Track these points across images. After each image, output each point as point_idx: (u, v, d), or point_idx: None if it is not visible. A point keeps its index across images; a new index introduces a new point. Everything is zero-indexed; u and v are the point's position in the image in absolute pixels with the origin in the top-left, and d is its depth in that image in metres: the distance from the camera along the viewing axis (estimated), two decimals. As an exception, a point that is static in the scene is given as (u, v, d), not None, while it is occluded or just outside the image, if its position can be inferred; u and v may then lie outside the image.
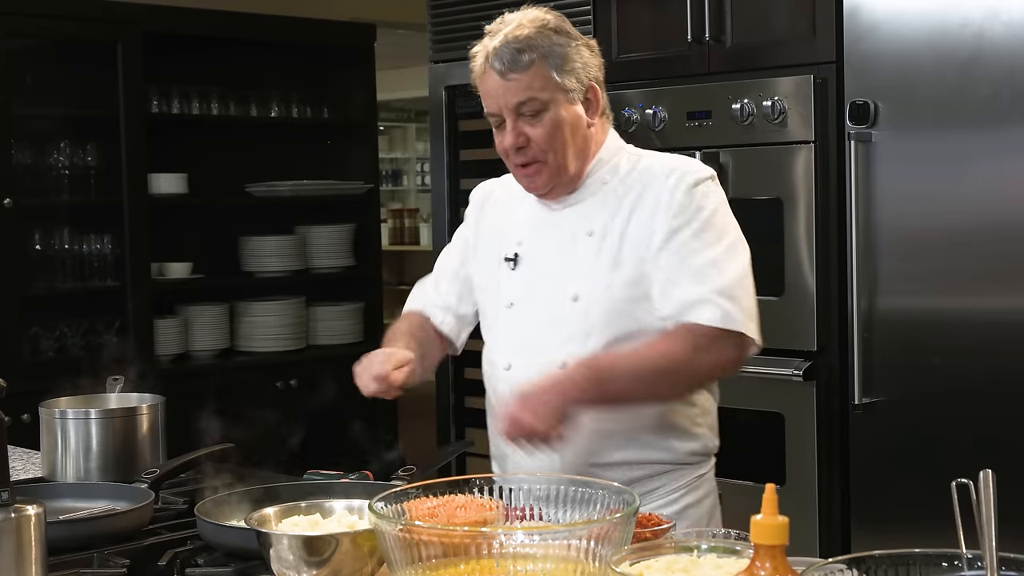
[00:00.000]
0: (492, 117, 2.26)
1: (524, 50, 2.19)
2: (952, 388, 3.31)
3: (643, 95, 3.97)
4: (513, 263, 2.34)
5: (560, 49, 2.22)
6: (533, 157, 2.24)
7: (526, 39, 2.20)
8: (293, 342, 5.54)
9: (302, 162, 5.79)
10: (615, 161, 2.32)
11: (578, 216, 2.29)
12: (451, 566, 1.46)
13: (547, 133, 2.21)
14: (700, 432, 2.33)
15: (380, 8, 6.49)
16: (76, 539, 1.97)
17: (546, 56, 2.20)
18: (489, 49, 2.22)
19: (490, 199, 2.48)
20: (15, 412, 3.33)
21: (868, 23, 3.42)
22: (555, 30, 2.24)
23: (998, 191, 3.22)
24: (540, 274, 2.30)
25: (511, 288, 2.34)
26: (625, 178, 2.29)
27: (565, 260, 2.28)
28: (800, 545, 1.46)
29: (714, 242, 2.21)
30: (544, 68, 2.20)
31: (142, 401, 2.57)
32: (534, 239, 2.33)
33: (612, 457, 2.25)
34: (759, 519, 1.25)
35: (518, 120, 2.22)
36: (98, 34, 4.89)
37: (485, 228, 2.45)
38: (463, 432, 4.44)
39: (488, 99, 2.25)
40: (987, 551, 1.28)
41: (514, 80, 2.19)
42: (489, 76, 2.22)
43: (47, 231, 4.85)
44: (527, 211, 2.36)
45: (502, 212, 2.42)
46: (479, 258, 2.44)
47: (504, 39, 2.21)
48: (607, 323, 2.23)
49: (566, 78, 2.22)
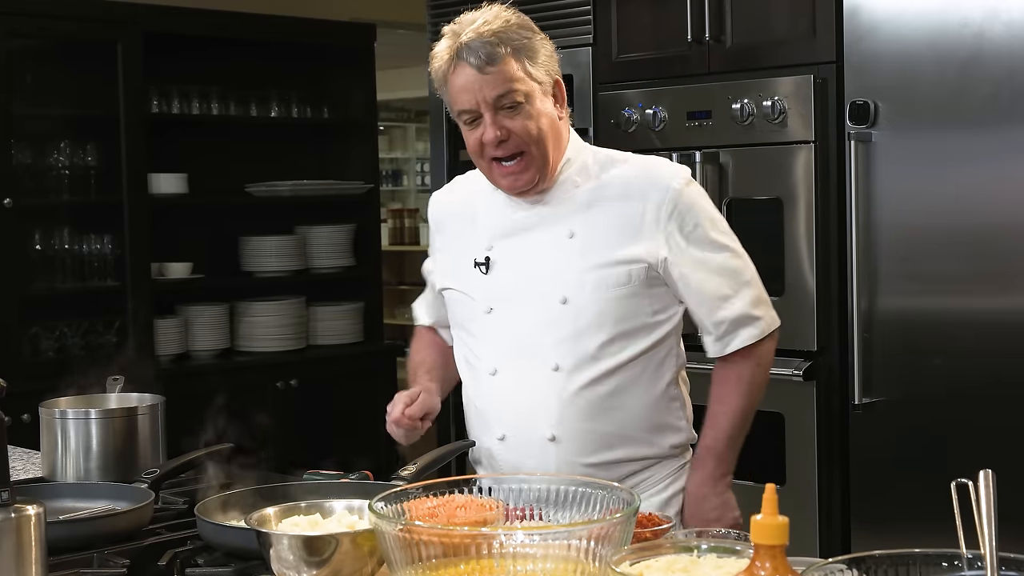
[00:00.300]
0: (465, 114, 2.24)
1: (497, 44, 2.19)
2: (952, 388, 3.31)
3: (643, 95, 3.98)
4: (485, 267, 2.32)
5: (528, 43, 2.23)
6: (516, 148, 2.23)
7: (498, 32, 2.20)
8: (293, 342, 5.54)
9: (302, 162, 5.79)
10: (582, 160, 2.32)
11: (553, 218, 2.29)
12: (451, 566, 1.46)
13: (528, 124, 2.21)
14: (683, 425, 2.39)
15: (380, 8, 6.49)
16: (76, 539, 1.96)
17: (518, 50, 2.21)
18: (459, 44, 2.20)
19: (444, 208, 2.48)
20: (15, 412, 3.33)
21: (868, 23, 3.42)
22: (520, 25, 2.25)
23: (998, 191, 3.22)
24: (521, 278, 2.29)
25: (487, 293, 2.32)
26: (600, 178, 2.30)
27: (548, 263, 2.28)
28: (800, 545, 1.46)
29: (723, 243, 2.30)
30: (518, 60, 2.21)
31: (142, 401, 2.57)
32: (508, 243, 2.32)
33: (604, 456, 2.27)
34: (759, 519, 1.25)
35: (497, 114, 2.21)
36: (98, 34, 4.88)
37: (449, 236, 2.45)
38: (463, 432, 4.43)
39: (462, 95, 2.22)
40: (987, 551, 1.28)
41: (491, 73, 2.19)
42: (462, 72, 2.21)
43: (47, 231, 4.85)
44: (492, 215, 2.35)
45: (464, 217, 2.41)
46: (447, 266, 2.43)
47: (475, 34, 2.20)
48: (599, 324, 2.24)
49: (537, 70, 2.23)
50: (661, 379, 2.31)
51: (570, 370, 2.25)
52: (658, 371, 2.31)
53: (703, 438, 2.35)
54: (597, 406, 2.25)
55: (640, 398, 2.29)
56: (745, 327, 2.31)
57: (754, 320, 2.31)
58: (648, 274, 2.25)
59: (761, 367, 2.36)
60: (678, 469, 2.37)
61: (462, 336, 2.40)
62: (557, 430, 2.26)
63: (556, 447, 2.26)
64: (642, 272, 2.24)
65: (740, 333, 2.31)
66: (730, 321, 2.30)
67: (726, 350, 2.33)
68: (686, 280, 2.27)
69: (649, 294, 2.27)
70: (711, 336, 2.33)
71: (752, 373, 2.34)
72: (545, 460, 2.25)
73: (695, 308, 2.31)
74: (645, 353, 2.28)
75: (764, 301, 2.35)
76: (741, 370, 2.34)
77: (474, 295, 2.34)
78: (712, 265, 2.28)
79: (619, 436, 2.28)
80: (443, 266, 2.44)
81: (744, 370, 2.34)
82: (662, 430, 2.33)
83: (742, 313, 2.30)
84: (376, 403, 5.87)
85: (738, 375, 2.34)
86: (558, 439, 2.26)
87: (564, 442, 2.26)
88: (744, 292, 2.31)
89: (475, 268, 2.34)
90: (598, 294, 2.24)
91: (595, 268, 2.24)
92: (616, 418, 2.27)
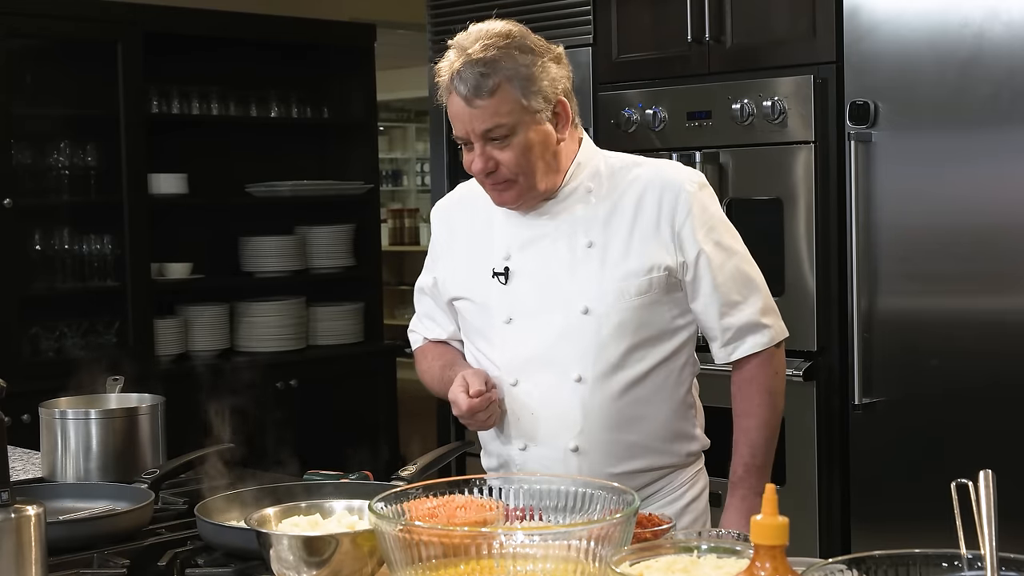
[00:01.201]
0: (458, 139, 2.22)
1: (488, 74, 2.14)
2: (952, 388, 3.31)
3: (643, 95, 3.98)
4: (504, 277, 2.30)
5: (525, 70, 2.16)
6: (503, 178, 2.21)
7: (491, 62, 2.14)
8: (293, 342, 5.54)
9: (302, 162, 5.79)
10: (594, 165, 2.30)
11: (570, 227, 2.27)
12: (451, 566, 1.46)
13: (516, 156, 2.18)
14: (697, 433, 2.38)
15: (380, 8, 6.49)
16: (76, 539, 1.96)
17: (511, 79, 2.15)
18: (453, 70, 2.17)
19: (453, 215, 2.45)
20: (15, 412, 3.33)
21: (868, 23, 3.42)
22: (519, 48, 2.18)
23: (998, 191, 3.22)
24: (541, 288, 2.27)
25: (507, 303, 2.29)
26: (616, 185, 2.28)
27: (567, 273, 2.26)
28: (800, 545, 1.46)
29: (733, 248, 2.30)
30: (510, 91, 2.15)
31: (142, 401, 2.57)
32: (526, 253, 2.29)
33: (627, 466, 2.27)
34: (759, 519, 1.25)
35: (486, 145, 2.18)
36: (98, 34, 4.89)
37: (460, 244, 2.40)
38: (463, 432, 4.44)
39: (455, 122, 2.20)
40: (987, 551, 1.28)
41: (480, 107, 2.15)
42: (454, 100, 2.18)
43: (47, 231, 4.85)
44: (510, 223, 2.31)
45: (473, 226, 2.38)
46: (459, 275, 2.38)
47: (467, 60, 2.15)
48: (621, 334, 2.23)
49: (532, 99, 2.17)
50: (681, 386, 2.32)
51: (594, 380, 2.23)
52: (679, 379, 2.31)
53: (738, 455, 2.32)
54: (621, 416, 2.24)
55: (662, 407, 2.28)
56: (753, 334, 2.29)
57: (762, 328, 2.30)
58: (668, 280, 2.24)
59: (779, 377, 2.34)
60: (693, 476, 2.37)
61: (478, 346, 2.36)
62: (580, 440, 2.24)
63: (579, 458, 2.25)
64: (663, 279, 2.23)
65: (747, 340, 2.29)
66: (737, 328, 2.29)
67: (732, 356, 2.31)
68: (697, 283, 2.26)
69: (669, 299, 2.26)
70: (717, 342, 2.31)
71: (772, 382, 2.33)
72: (568, 470, 2.24)
73: (702, 311, 2.28)
74: (666, 360, 2.27)
75: (773, 310, 2.33)
76: (762, 380, 2.32)
77: (492, 305, 2.31)
78: (724, 270, 2.27)
79: (641, 446, 2.27)
80: (454, 275, 2.39)
81: (765, 379, 2.32)
82: (680, 439, 2.33)
83: (750, 320, 2.29)
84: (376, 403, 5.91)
85: (760, 386, 2.32)
86: (581, 450, 2.25)
87: (587, 453, 2.24)
88: (754, 299, 2.30)
89: (493, 278, 2.30)
90: (620, 303, 2.22)
91: (616, 279, 2.23)
92: (639, 428, 2.26)
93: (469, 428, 2.34)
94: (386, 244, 8.20)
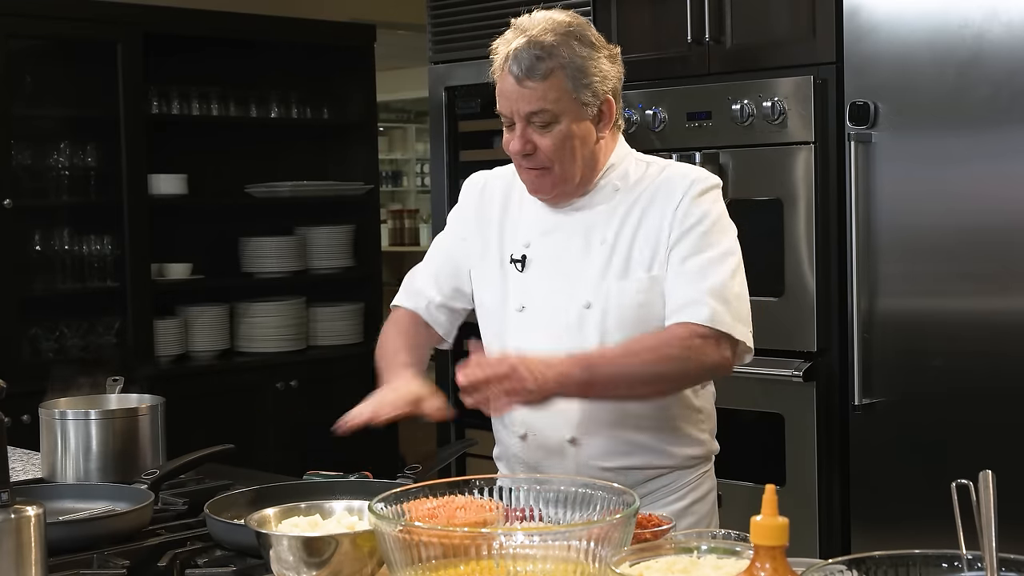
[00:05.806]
0: (502, 117, 2.24)
1: (544, 58, 2.15)
2: (952, 389, 3.31)
3: (643, 96, 3.97)
4: (521, 264, 2.32)
5: (581, 61, 2.18)
6: (539, 163, 2.22)
7: (549, 46, 2.16)
8: (293, 343, 5.54)
9: (302, 163, 5.79)
10: (624, 166, 2.31)
11: (591, 222, 2.28)
12: (451, 567, 1.46)
13: (555, 145, 2.20)
14: (703, 438, 2.36)
15: (380, 8, 6.49)
16: (76, 540, 1.96)
17: (565, 67, 2.16)
18: (511, 49, 2.18)
19: (487, 191, 2.43)
20: (15, 412, 3.33)
21: (868, 23, 3.42)
22: (579, 39, 2.19)
23: (998, 191, 3.22)
24: (551, 279, 2.29)
25: (521, 291, 2.31)
26: (635, 186, 2.28)
27: (576, 266, 2.27)
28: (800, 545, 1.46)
29: (712, 246, 2.22)
30: (562, 80, 2.17)
31: (142, 401, 2.57)
32: (545, 242, 2.31)
33: (623, 461, 2.26)
34: (759, 520, 1.25)
35: (527, 127, 2.20)
36: (98, 35, 4.89)
37: (485, 222, 2.40)
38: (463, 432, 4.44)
39: (501, 99, 2.22)
40: (987, 551, 1.28)
41: (529, 88, 2.16)
42: (506, 78, 2.19)
43: (47, 231, 4.85)
44: (535, 212, 2.33)
45: (503, 208, 2.39)
46: (479, 254, 2.40)
47: (527, 41, 2.16)
48: (622, 330, 2.23)
49: (582, 92, 2.18)
50: None
51: None
52: None
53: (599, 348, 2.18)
54: (619, 412, 2.24)
55: (662, 407, 2.27)
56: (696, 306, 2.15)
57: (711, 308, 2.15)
58: None
59: (692, 360, 2.16)
60: (697, 478, 2.35)
61: (492, 329, 2.37)
62: (578, 432, 2.25)
63: (576, 449, 2.26)
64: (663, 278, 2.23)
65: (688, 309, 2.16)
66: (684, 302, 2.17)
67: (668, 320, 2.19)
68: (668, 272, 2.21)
69: None
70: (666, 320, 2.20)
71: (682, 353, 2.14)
72: (564, 462, 2.25)
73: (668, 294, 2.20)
74: None
75: (743, 320, 2.19)
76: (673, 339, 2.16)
77: (507, 291, 2.33)
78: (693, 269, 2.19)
79: (639, 443, 2.27)
80: (475, 251, 2.40)
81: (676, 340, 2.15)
82: (682, 441, 2.31)
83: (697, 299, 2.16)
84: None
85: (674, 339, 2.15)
86: (578, 442, 2.25)
87: (584, 445, 2.25)
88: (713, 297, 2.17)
89: (511, 264, 2.33)
90: (621, 300, 2.23)
91: (617, 275, 2.23)
92: (637, 425, 2.26)
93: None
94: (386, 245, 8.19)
